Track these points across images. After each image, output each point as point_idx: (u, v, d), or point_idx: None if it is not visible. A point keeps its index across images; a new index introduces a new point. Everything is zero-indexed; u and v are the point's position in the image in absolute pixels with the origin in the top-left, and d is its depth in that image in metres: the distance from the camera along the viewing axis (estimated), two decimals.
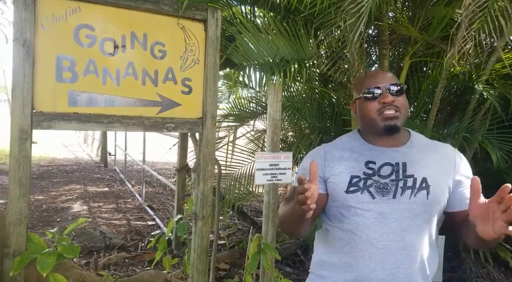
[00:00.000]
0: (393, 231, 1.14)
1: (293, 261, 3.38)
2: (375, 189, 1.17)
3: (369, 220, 1.16)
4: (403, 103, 1.20)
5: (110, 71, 1.76)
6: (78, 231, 4.00)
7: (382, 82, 1.19)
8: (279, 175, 2.19)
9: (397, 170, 1.18)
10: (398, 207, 1.14)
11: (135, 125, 1.81)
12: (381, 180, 1.17)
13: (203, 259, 2.02)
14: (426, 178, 1.16)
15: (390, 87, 1.18)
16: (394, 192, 1.15)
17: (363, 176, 1.19)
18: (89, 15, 1.71)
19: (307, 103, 3.19)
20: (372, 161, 1.21)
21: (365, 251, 1.16)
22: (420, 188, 1.15)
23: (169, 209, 5.16)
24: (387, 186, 1.16)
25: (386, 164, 1.20)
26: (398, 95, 1.19)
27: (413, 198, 1.14)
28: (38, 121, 1.62)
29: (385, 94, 1.18)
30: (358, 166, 1.22)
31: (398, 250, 1.14)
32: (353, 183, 1.19)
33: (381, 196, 1.16)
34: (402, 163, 1.19)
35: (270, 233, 2.20)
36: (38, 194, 5.91)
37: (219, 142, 3.51)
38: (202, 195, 1.99)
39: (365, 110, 1.22)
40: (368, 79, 1.23)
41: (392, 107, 1.18)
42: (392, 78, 1.22)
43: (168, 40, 1.87)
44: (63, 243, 1.63)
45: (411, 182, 1.16)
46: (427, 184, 1.15)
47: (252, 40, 2.48)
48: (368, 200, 1.17)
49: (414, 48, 2.65)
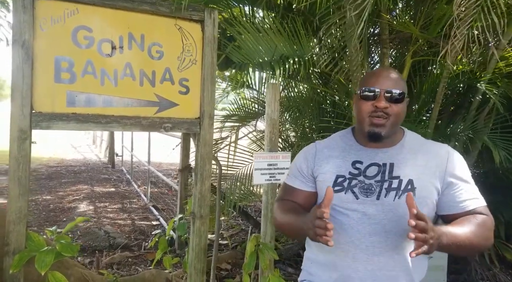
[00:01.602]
0: (376, 232, 1.13)
1: (295, 262, 3.37)
2: (359, 189, 1.16)
3: (353, 220, 1.16)
4: (397, 111, 1.15)
5: (108, 72, 1.79)
6: (83, 230, 4.05)
7: (382, 85, 1.15)
8: (278, 174, 2.20)
9: (384, 171, 1.17)
10: (382, 209, 1.14)
11: (133, 125, 1.83)
12: (366, 180, 1.17)
13: (201, 258, 2.03)
14: (412, 180, 1.14)
15: (390, 93, 1.14)
16: (378, 193, 1.15)
17: (349, 176, 1.19)
18: (87, 16, 1.73)
19: (308, 103, 3.18)
20: (359, 161, 1.21)
21: (348, 251, 1.16)
22: (405, 190, 1.13)
23: (173, 209, 5.19)
24: (372, 186, 1.15)
25: (373, 164, 1.19)
26: (395, 102, 1.15)
27: (397, 200, 1.13)
28: (37, 122, 1.65)
29: (381, 98, 1.14)
30: (345, 166, 1.21)
31: (381, 251, 1.13)
32: (338, 182, 1.20)
33: (364, 196, 1.15)
34: (389, 164, 1.17)
35: (269, 232, 2.21)
36: (46, 194, 5.99)
37: (221, 142, 3.52)
38: (200, 194, 2.00)
39: (358, 108, 1.21)
40: (372, 77, 1.19)
41: (382, 114, 1.14)
42: (395, 82, 1.16)
43: (165, 41, 1.89)
44: (61, 241, 1.65)
45: (396, 183, 1.14)
46: (413, 186, 1.14)
47: (252, 40, 2.49)
48: (352, 200, 1.16)
49: (415, 47, 2.63)
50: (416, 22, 2.52)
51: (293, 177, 1.33)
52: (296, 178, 1.31)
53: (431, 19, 2.54)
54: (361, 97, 1.19)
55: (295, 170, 1.32)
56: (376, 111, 1.15)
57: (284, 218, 1.25)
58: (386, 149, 1.20)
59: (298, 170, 1.31)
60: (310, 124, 3.33)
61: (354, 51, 2.29)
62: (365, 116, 1.17)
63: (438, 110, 2.65)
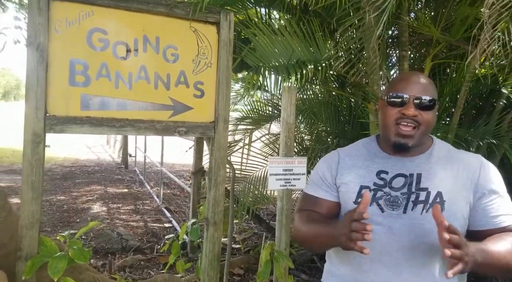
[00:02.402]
0: (402, 247, 1.06)
1: (309, 268, 3.31)
2: (385, 202, 1.09)
3: (378, 234, 1.08)
4: (427, 119, 1.08)
5: (122, 75, 1.76)
6: (96, 232, 4.05)
7: (412, 91, 1.07)
8: (293, 180, 2.15)
9: (411, 182, 1.09)
10: (408, 223, 1.07)
11: (147, 129, 1.80)
12: (392, 192, 1.10)
13: (215, 265, 1.99)
14: (441, 192, 1.07)
15: (420, 100, 1.06)
16: (404, 206, 1.07)
17: (373, 187, 1.12)
18: (102, 19, 1.71)
19: (324, 107, 3.12)
20: (384, 171, 1.14)
21: (372, 267, 1.09)
22: (434, 203, 1.05)
23: (186, 211, 5.18)
24: (398, 199, 1.08)
25: (399, 174, 1.12)
26: (425, 110, 1.07)
27: (425, 214, 1.05)
28: (51, 125, 1.63)
29: (410, 105, 1.07)
30: (369, 176, 1.15)
31: (408, 268, 1.06)
32: (362, 194, 1.13)
33: (390, 209, 1.09)
34: (416, 174, 1.10)
35: (284, 240, 2.16)
36: (60, 195, 6.04)
37: (234, 145, 3.48)
38: (213, 200, 1.96)
39: (384, 114, 1.14)
40: (401, 83, 1.12)
41: (411, 122, 1.07)
42: (425, 88, 1.08)
43: (181, 44, 1.85)
44: (74, 247, 1.62)
45: (424, 195, 1.07)
46: (442, 198, 1.06)
47: (268, 42, 2.45)
48: (377, 213, 1.10)
49: (436, 50, 2.55)
50: (437, 24, 2.44)
51: (316, 186, 1.26)
52: (319, 187, 1.25)
53: (453, 21, 2.46)
54: (388, 103, 1.11)
55: (317, 179, 1.26)
56: (403, 118, 1.07)
57: (309, 228, 1.16)
58: (413, 158, 1.13)
59: (321, 178, 1.25)
60: (325, 128, 3.26)
61: (372, 53, 2.22)
62: (391, 124, 1.10)
63: (459, 115, 2.56)
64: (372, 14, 1.87)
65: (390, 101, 1.10)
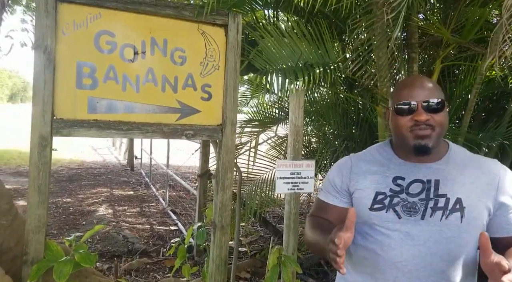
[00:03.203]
0: (420, 254, 1.03)
1: (316, 272, 3.27)
2: (402, 208, 1.07)
3: (394, 240, 1.06)
4: (441, 121, 1.06)
5: (129, 77, 1.75)
6: (102, 235, 4.04)
7: (418, 96, 1.06)
8: (301, 184, 2.12)
9: (428, 188, 1.07)
10: (426, 229, 1.03)
11: (154, 133, 1.79)
12: (409, 198, 1.07)
13: (222, 270, 1.97)
14: (460, 199, 1.04)
15: (428, 103, 1.05)
16: (423, 213, 1.05)
17: (390, 193, 1.09)
18: (110, 21, 1.70)
19: (332, 109, 3.09)
20: (401, 177, 1.11)
21: (389, 274, 1.06)
22: (453, 210, 1.03)
23: (191, 213, 5.16)
24: (416, 205, 1.06)
25: (416, 180, 1.09)
26: (435, 112, 1.05)
27: (445, 220, 1.03)
28: (58, 128, 1.62)
29: (420, 111, 1.05)
30: (385, 182, 1.12)
31: (425, 276, 1.03)
32: (378, 200, 1.10)
33: (408, 216, 1.06)
34: (434, 180, 1.07)
35: (291, 244, 2.13)
36: (67, 197, 6.05)
37: (241, 147, 3.46)
38: (221, 203, 1.94)
39: (396, 124, 1.11)
40: (405, 90, 1.10)
41: (425, 127, 1.05)
42: (431, 91, 1.07)
43: (188, 46, 1.84)
44: (80, 251, 1.61)
45: (443, 202, 1.04)
46: (462, 205, 1.03)
47: (275, 44, 2.43)
48: (393, 219, 1.07)
49: (446, 52, 2.51)
50: (447, 26, 2.41)
51: (326, 192, 1.24)
52: (329, 193, 1.23)
53: (462, 22, 2.43)
54: (396, 113, 1.09)
55: (328, 185, 1.24)
56: (417, 125, 1.05)
57: (312, 233, 1.17)
58: (430, 164, 1.10)
59: (331, 184, 1.23)
60: (333, 130, 3.23)
61: (382, 56, 2.19)
62: (406, 132, 1.08)
63: (469, 117, 2.52)
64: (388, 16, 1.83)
65: (398, 109, 1.09)
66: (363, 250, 1.13)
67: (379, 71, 2.25)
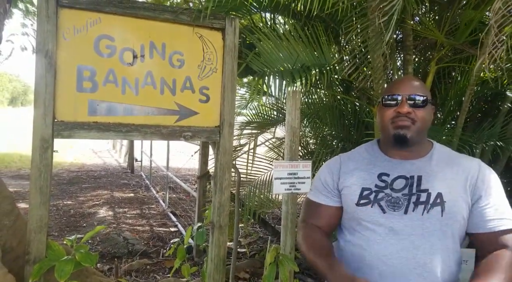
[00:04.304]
0: (404, 248, 1.08)
1: (314, 272, 3.30)
2: (386, 203, 1.11)
3: (379, 235, 1.10)
4: (422, 116, 1.12)
5: (129, 80, 1.79)
6: (103, 236, 4.07)
7: (404, 91, 1.13)
8: (298, 184, 2.15)
9: (411, 184, 1.11)
10: (410, 223, 1.08)
11: (153, 134, 1.82)
12: (393, 193, 1.12)
13: (220, 269, 2.00)
14: (441, 193, 1.08)
15: (412, 97, 1.11)
16: (406, 207, 1.09)
17: (375, 189, 1.14)
18: (109, 26, 1.74)
19: (329, 111, 3.13)
20: (386, 173, 1.16)
21: (375, 268, 1.10)
22: (434, 204, 1.07)
23: (191, 215, 5.19)
24: (399, 200, 1.10)
25: (400, 176, 1.14)
26: (419, 107, 1.12)
27: (426, 214, 1.07)
28: (59, 131, 1.66)
29: (403, 103, 1.12)
30: (371, 178, 1.17)
31: (410, 269, 1.07)
32: (364, 195, 1.15)
33: (391, 210, 1.10)
34: (417, 176, 1.12)
35: (289, 243, 2.16)
36: (67, 199, 6.08)
37: (240, 149, 3.49)
38: (219, 204, 1.97)
39: (381, 116, 1.18)
40: (394, 85, 1.18)
41: (406, 119, 1.11)
42: (417, 88, 1.14)
43: (186, 49, 1.88)
44: (81, 251, 1.64)
45: (424, 196, 1.09)
46: (442, 199, 1.07)
47: (272, 47, 2.47)
48: (378, 214, 1.12)
49: (440, 54, 2.55)
50: (441, 28, 2.45)
51: (317, 192, 1.28)
52: (321, 192, 1.27)
53: (457, 24, 2.47)
54: (383, 105, 1.16)
55: (319, 184, 1.28)
56: (398, 116, 1.12)
57: (310, 254, 1.19)
58: (413, 161, 1.16)
59: (322, 183, 1.27)
60: (330, 132, 3.27)
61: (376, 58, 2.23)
62: (388, 122, 1.14)
63: (464, 118, 2.56)
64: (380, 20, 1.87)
65: (385, 103, 1.15)
66: (351, 246, 1.17)
67: (374, 73, 2.28)
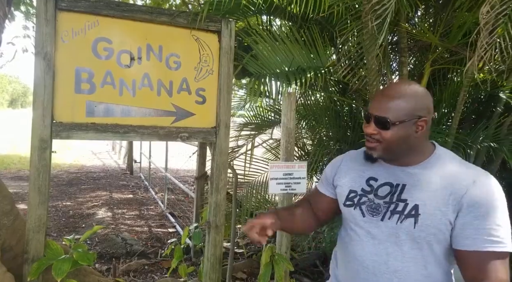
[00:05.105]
0: (377, 253, 1.11)
1: (311, 272, 3.32)
2: (366, 208, 1.15)
3: (359, 236, 1.16)
4: (386, 138, 1.07)
5: (126, 82, 1.82)
6: (101, 237, 4.10)
7: (375, 109, 1.08)
8: (294, 184, 2.18)
9: (394, 192, 1.12)
10: (385, 230, 1.10)
11: (150, 135, 1.85)
12: (375, 199, 1.14)
13: (216, 268, 2.02)
14: (418, 205, 1.06)
15: (377, 118, 1.07)
16: (383, 214, 1.11)
17: (360, 192, 1.18)
18: (107, 28, 1.77)
19: (325, 112, 3.16)
20: (374, 178, 1.18)
21: (354, 267, 1.16)
22: (408, 215, 1.06)
23: (190, 216, 5.21)
24: (379, 207, 1.12)
25: (386, 183, 1.14)
26: (383, 129, 1.07)
27: (400, 224, 1.07)
28: (57, 132, 1.69)
29: (370, 123, 1.10)
30: (360, 181, 1.20)
31: (381, 273, 1.11)
32: (350, 197, 1.19)
33: (370, 215, 1.13)
34: (401, 185, 1.12)
35: (284, 243, 2.19)
36: (66, 200, 6.10)
37: (237, 150, 3.52)
38: (215, 203, 2.00)
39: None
40: (375, 97, 1.14)
41: (371, 139, 1.11)
42: (388, 107, 1.06)
43: (183, 52, 1.91)
44: (78, 250, 1.67)
45: (401, 206, 1.09)
46: (417, 212, 1.06)
47: (268, 49, 2.50)
48: (359, 217, 1.16)
49: (434, 55, 2.58)
50: (436, 30, 2.48)
51: (321, 182, 1.37)
52: (322, 183, 1.36)
53: (451, 27, 2.50)
54: (364, 119, 1.16)
55: (324, 176, 1.36)
56: (367, 134, 1.13)
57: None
58: (404, 168, 1.14)
59: (325, 176, 1.35)
60: (327, 133, 3.30)
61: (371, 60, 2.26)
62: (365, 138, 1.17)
63: (458, 119, 2.59)
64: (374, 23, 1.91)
65: (365, 117, 1.16)
66: (342, 240, 1.24)
67: (369, 75, 2.31)
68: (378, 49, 2.11)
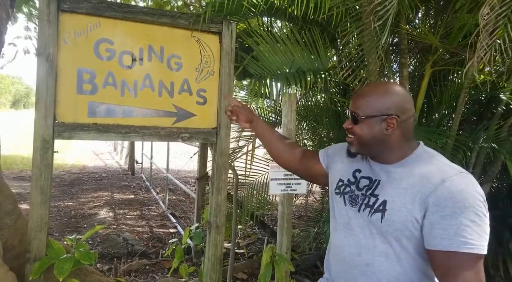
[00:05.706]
0: (353, 243, 1.17)
1: (312, 273, 3.33)
2: (349, 197, 1.22)
3: (340, 225, 1.23)
4: (358, 133, 1.15)
5: (128, 83, 1.83)
6: (103, 237, 4.11)
7: (352, 107, 1.17)
8: (294, 185, 2.19)
9: (371, 186, 1.18)
10: (361, 222, 1.16)
11: (151, 135, 1.87)
12: (356, 191, 1.21)
13: (217, 268, 2.03)
14: (386, 201, 1.10)
15: (352, 113, 1.16)
16: (359, 206, 1.17)
17: (346, 182, 1.25)
18: (109, 29, 1.79)
19: (326, 113, 3.17)
20: (359, 170, 1.25)
21: (335, 256, 1.24)
22: (377, 210, 1.11)
23: (191, 217, 5.22)
24: (358, 198, 1.19)
25: (367, 177, 1.21)
26: (356, 124, 1.15)
27: (370, 217, 1.13)
28: (60, 132, 1.70)
29: (349, 120, 1.19)
30: (348, 172, 1.27)
31: (355, 265, 1.16)
32: (338, 185, 1.27)
33: (350, 205, 1.20)
34: (378, 181, 1.17)
35: (285, 243, 2.19)
36: (68, 201, 6.12)
37: (238, 151, 3.53)
38: (216, 204, 2.01)
39: None
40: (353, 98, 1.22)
41: (350, 135, 1.19)
42: (362, 103, 1.13)
43: (184, 53, 1.92)
44: (80, 249, 1.68)
45: (373, 201, 1.14)
46: (384, 207, 1.09)
47: (269, 51, 2.51)
48: (342, 205, 1.23)
49: (434, 57, 2.59)
50: (436, 32, 2.48)
51: (323, 151, 1.45)
52: (321, 154, 1.44)
53: (452, 28, 2.50)
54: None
55: (327, 149, 1.44)
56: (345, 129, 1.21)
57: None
58: (383, 165, 1.18)
59: (327, 151, 1.43)
60: (327, 134, 3.31)
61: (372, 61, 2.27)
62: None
63: (459, 121, 2.59)
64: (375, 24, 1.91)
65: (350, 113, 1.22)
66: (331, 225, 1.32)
67: (369, 76, 2.32)
68: (379, 51, 2.12)
